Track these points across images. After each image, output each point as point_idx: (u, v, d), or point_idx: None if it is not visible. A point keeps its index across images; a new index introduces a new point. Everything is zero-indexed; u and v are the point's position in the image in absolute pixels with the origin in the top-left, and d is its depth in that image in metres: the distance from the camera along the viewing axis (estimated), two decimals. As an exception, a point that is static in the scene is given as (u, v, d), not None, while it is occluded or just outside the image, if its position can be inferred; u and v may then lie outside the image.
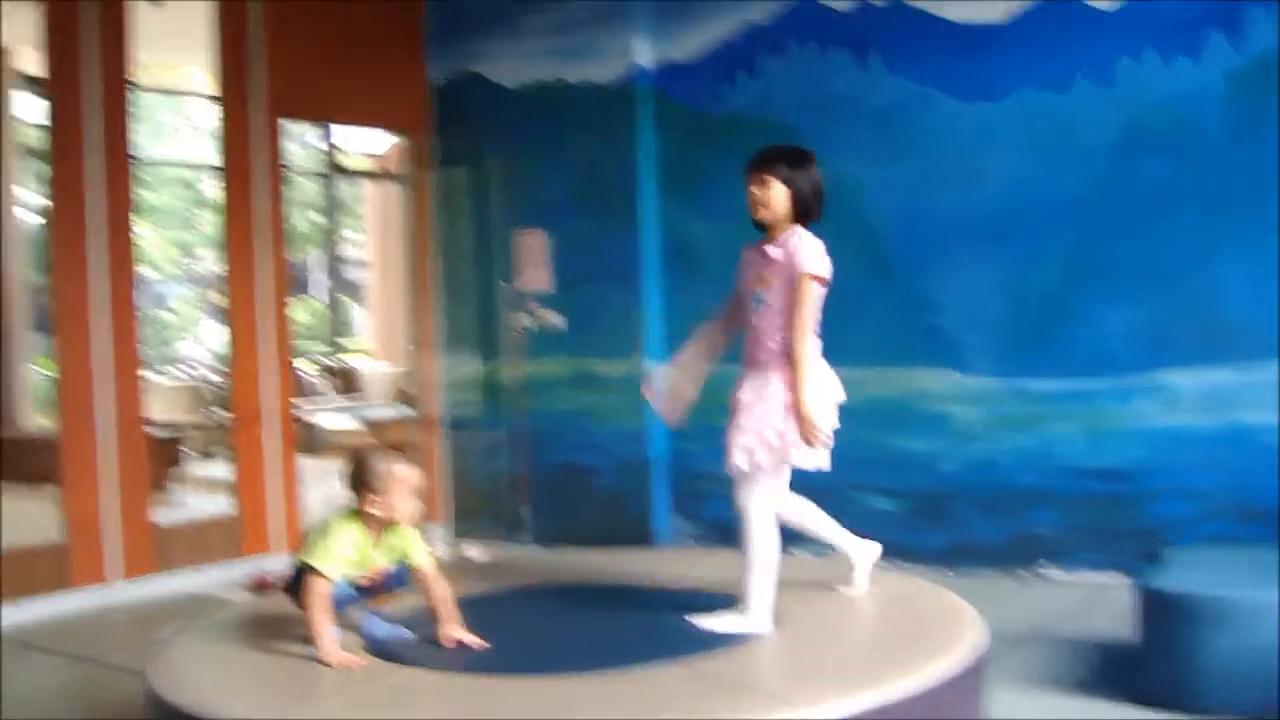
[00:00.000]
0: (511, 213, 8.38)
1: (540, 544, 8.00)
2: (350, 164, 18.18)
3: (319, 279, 26.59)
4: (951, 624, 4.07)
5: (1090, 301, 6.56)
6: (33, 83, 12.15)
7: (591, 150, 7.98)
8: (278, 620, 4.61)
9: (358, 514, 4.17)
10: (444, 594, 4.24)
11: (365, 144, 18.89)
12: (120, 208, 7.38)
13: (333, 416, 15.36)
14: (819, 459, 4.38)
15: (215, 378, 15.52)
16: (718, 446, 4.44)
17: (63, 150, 7.19)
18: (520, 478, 8.29)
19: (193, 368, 17.39)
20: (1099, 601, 6.23)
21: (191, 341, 27.29)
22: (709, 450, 7.50)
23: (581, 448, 7.97)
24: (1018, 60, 6.69)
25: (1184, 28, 6.29)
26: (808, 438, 4.22)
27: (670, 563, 5.11)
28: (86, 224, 7.22)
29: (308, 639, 4.02)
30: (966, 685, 3.76)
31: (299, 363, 9.82)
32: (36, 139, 14.94)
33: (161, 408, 11.47)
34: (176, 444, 12.50)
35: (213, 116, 7.98)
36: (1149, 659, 4.58)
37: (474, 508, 8.64)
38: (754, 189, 4.42)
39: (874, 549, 4.66)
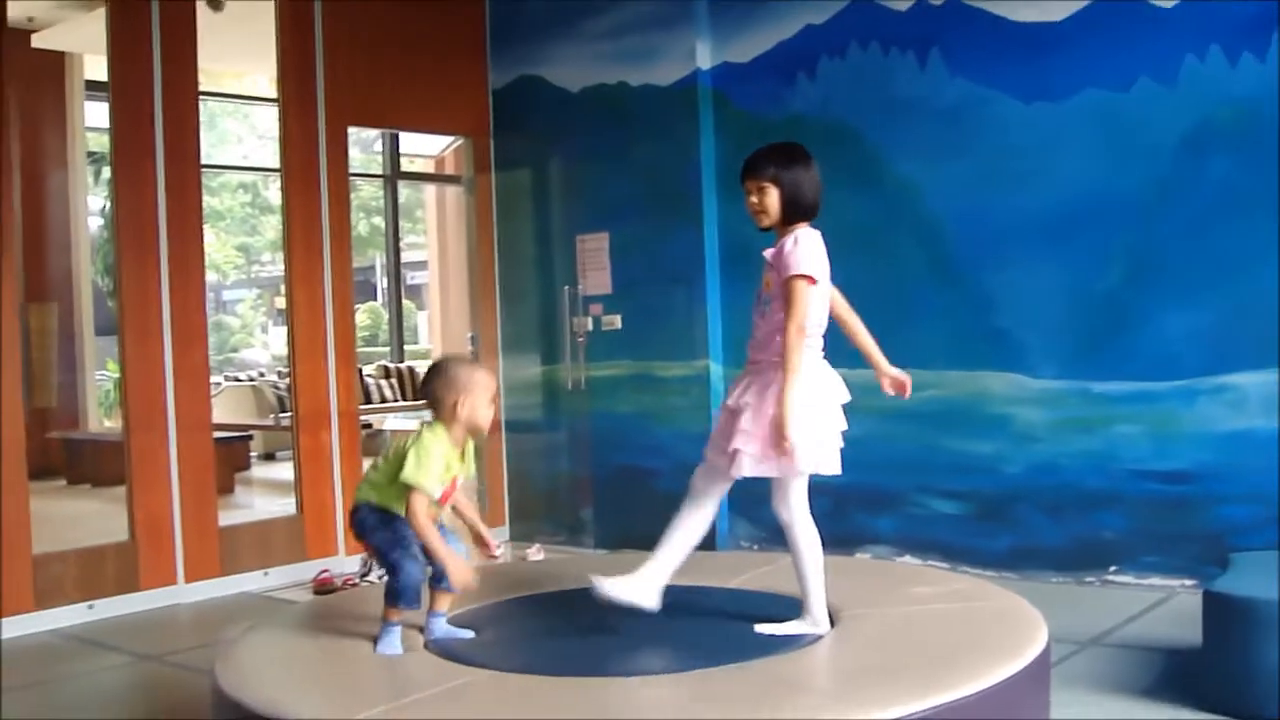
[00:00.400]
0: (573, 215, 8.42)
1: (601, 547, 8.02)
2: (411, 168, 18.29)
3: (381, 283, 26.80)
4: (1016, 626, 4.04)
5: (1155, 303, 6.50)
6: (100, 89, 12.32)
7: (653, 153, 8.00)
8: (343, 621, 4.65)
9: (442, 425, 4.19)
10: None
11: (426, 147, 19.01)
12: (188, 212, 7.46)
13: (394, 419, 15.46)
14: (829, 464, 4.28)
15: (280, 381, 15.69)
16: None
17: (131, 156, 7.28)
18: (581, 480, 8.32)
19: (258, 371, 17.56)
20: (1164, 606, 6.18)
21: (256, 345, 27.57)
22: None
23: (642, 450, 7.98)
24: (1079, 59, 6.64)
25: (1249, 25, 6.22)
26: (777, 446, 4.07)
27: (731, 566, 5.10)
28: (155, 229, 7.29)
29: (382, 625, 4.13)
30: (1031, 688, 3.74)
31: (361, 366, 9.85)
32: (104, 145, 15.17)
33: (227, 411, 11.62)
34: (242, 446, 12.64)
35: (276, 122, 8.05)
36: (1213, 664, 4.54)
37: (534, 510, 8.68)
38: (753, 198, 4.32)
39: (825, 626, 4.18)
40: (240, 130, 27.14)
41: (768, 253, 4.31)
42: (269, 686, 3.73)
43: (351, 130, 8.30)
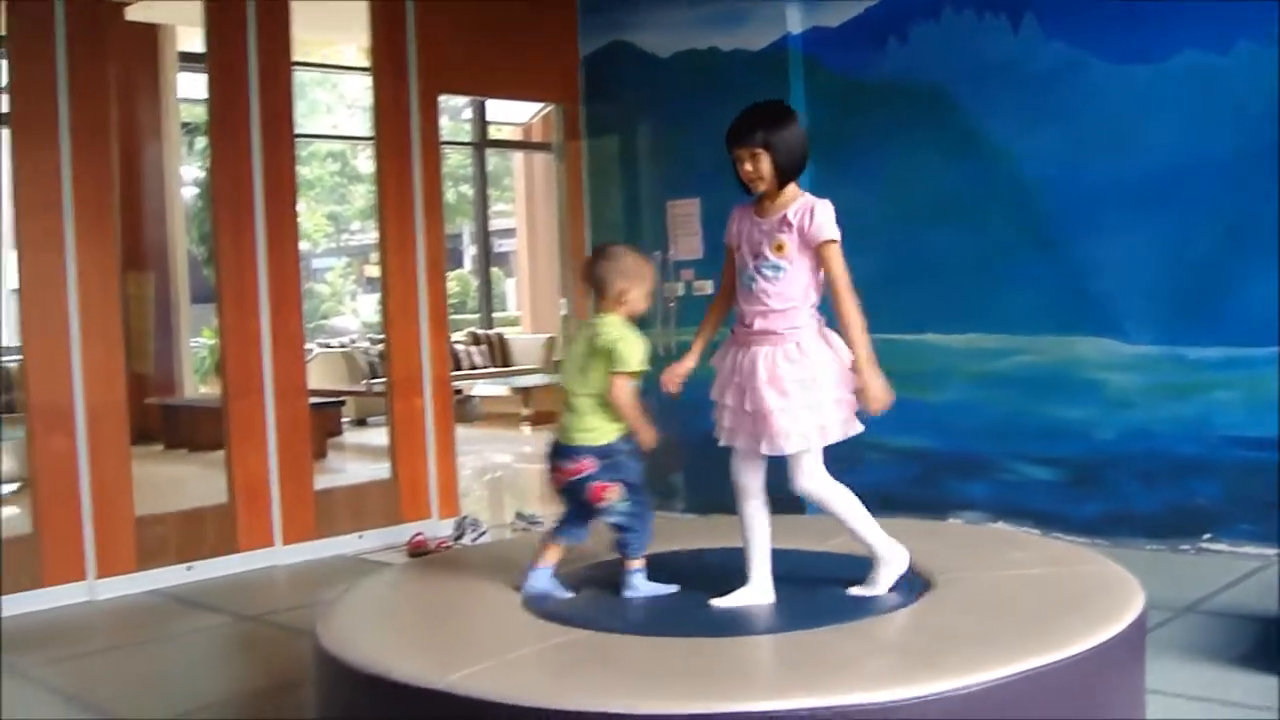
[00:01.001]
0: (663, 181, 8.44)
1: (691, 511, 8.05)
2: (498, 136, 18.37)
3: (468, 250, 26.97)
4: (1111, 591, 4.03)
5: (1250, 268, 6.41)
6: (193, 61, 12.47)
7: (743, 118, 7.98)
8: (439, 583, 4.72)
9: (614, 309, 4.28)
10: None
11: (513, 115, 19.09)
12: (282, 181, 7.56)
13: (484, 385, 15.59)
14: (854, 425, 4.21)
15: (371, 348, 15.87)
16: (870, 414, 4.39)
17: (227, 126, 7.38)
18: (671, 445, 8.32)
19: (349, 338, 17.75)
20: (1260, 575, 6.12)
21: (345, 313, 27.85)
22: (861, 417, 7.55)
23: (733, 415, 7.98)
24: (1177, 21, 6.54)
25: (1352, -14, 6.12)
26: (875, 399, 4.08)
27: (822, 531, 5.11)
28: (251, 198, 7.40)
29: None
30: (1127, 653, 3.73)
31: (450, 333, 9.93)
32: (197, 116, 15.37)
33: (319, 377, 11.75)
34: (334, 412, 12.82)
35: (368, 91, 8.12)
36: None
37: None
38: (747, 166, 4.18)
39: (905, 557, 4.26)
40: (329, 100, 27.39)
41: (789, 211, 4.14)
42: (370, 645, 3.79)
43: (440, 99, 8.34)
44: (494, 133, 18.29)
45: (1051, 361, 7.00)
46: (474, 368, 16.50)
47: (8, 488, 10.20)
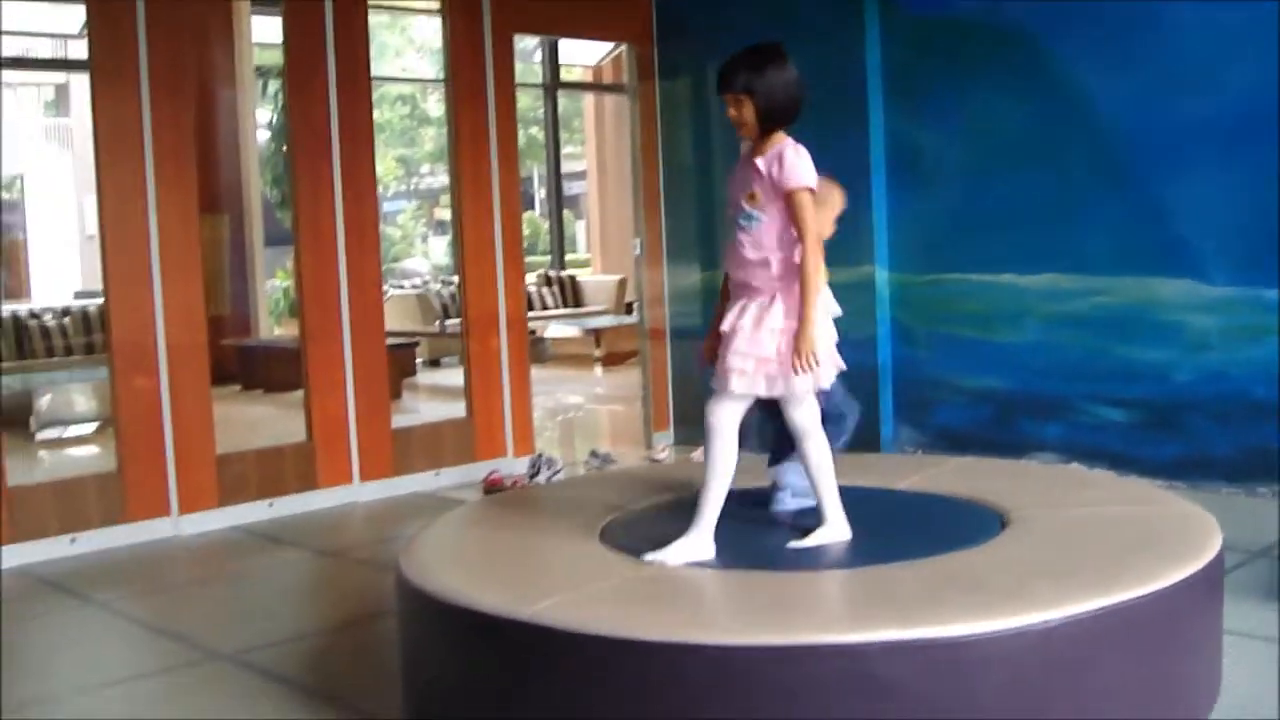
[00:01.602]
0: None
1: (762, 450, 8.06)
2: (568, 78, 18.35)
3: (538, 193, 27.01)
4: (1189, 531, 4.02)
5: (1334, 208, 6.33)
6: (266, 4, 12.53)
7: (817, 58, 7.88)
8: (516, 518, 4.78)
9: None
10: None
11: (584, 57, 19.06)
12: (359, 124, 7.61)
13: (556, 326, 15.66)
14: (826, 376, 4.03)
15: (444, 289, 15.96)
16: (945, 355, 4.40)
17: (303, 69, 7.42)
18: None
19: (422, 280, 17.85)
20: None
21: (417, 255, 27.99)
22: (935, 358, 7.55)
23: (806, 356, 7.98)
24: (1260, -42, 6.45)
25: None
26: (804, 364, 3.83)
27: (898, 469, 5.12)
28: (328, 140, 7.45)
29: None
30: (1204, 592, 3.73)
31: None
32: (269, 60, 15.45)
33: (393, 318, 11.86)
34: (409, 353, 12.92)
35: (438, 34, 8.13)
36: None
37: (698, 415, 8.72)
38: (731, 112, 3.99)
39: (846, 532, 4.11)
40: (398, 43, 27.41)
41: (759, 162, 3.95)
42: (452, 578, 3.85)
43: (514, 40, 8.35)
44: (564, 75, 18.29)
45: (1129, 303, 6.95)
46: (546, 309, 16.57)
47: (88, 427, 10.39)
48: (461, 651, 3.71)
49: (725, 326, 3.99)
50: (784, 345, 3.89)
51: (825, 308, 3.99)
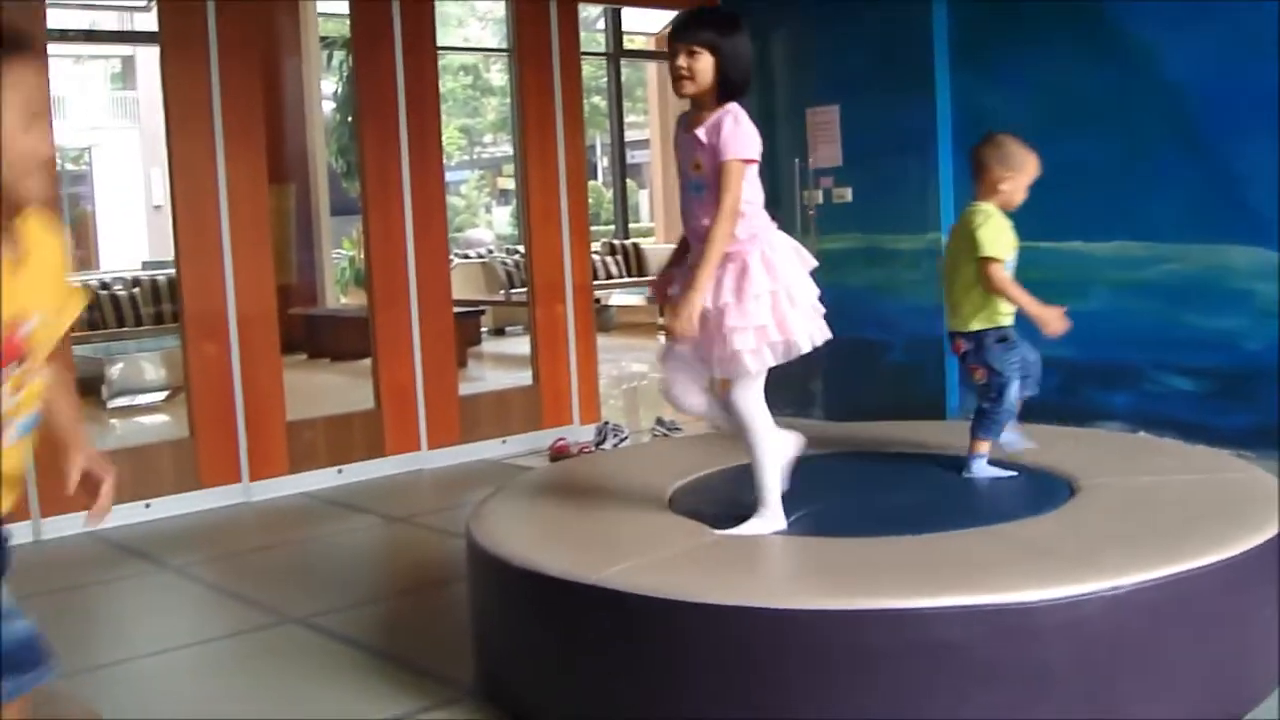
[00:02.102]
0: (802, 88, 8.37)
1: (830, 418, 8.07)
2: (631, 46, 18.33)
3: (600, 162, 27.02)
4: (1259, 498, 3.99)
5: None
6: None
7: (884, 23, 7.89)
8: (584, 484, 4.81)
9: (988, 197, 4.48)
10: None
11: (647, 25, 19.02)
12: (425, 93, 7.65)
13: (620, 294, 15.69)
14: (818, 334, 3.97)
15: (508, 258, 16.02)
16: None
17: (370, 39, 7.46)
18: (811, 353, 8.33)
19: (485, 249, 17.92)
20: None
21: (480, 225, 28.09)
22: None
23: (872, 323, 7.98)
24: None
25: None
26: (682, 328, 3.74)
27: (964, 435, 5.11)
28: (395, 110, 7.49)
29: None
30: (1275, 560, 3.71)
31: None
32: (333, 30, 15.53)
33: (458, 287, 11.90)
34: (474, 321, 12.99)
35: (501, 4, 8.15)
36: None
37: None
38: (681, 61, 3.79)
39: (781, 523, 3.92)
40: (459, 12, 27.46)
41: (691, 132, 3.85)
42: (522, 542, 3.88)
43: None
44: (626, 43, 18.27)
45: (1199, 270, 6.87)
46: (610, 278, 16.59)
47: (158, 395, 10.52)
48: (531, 616, 3.75)
49: (709, 304, 3.81)
50: (779, 306, 3.85)
51: (800, 261, 3.95)
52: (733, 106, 3.82)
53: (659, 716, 3.40)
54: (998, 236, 4.40)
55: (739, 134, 3.78)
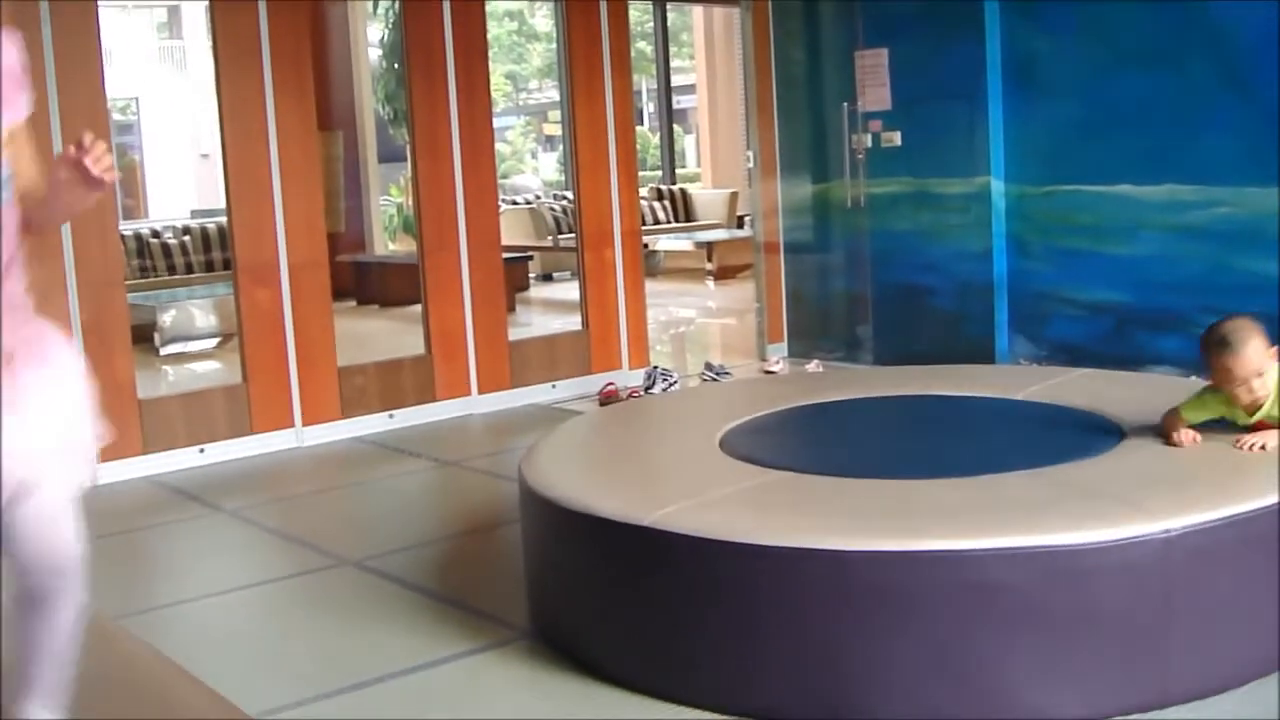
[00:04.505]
0: (850, 32, 8.32)
1: (879, 363, 8.07)
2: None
3: (645, 107, 26.93)
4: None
5: None
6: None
7: (933, -37, 7.83)
8: (633, 427, 4.85)
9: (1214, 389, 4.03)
10: None
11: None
12: (472, 38, 7.64)
13: (667, 240, 15.68)
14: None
15: (555, 204, 16.03)
16: (1062, 267, 4.28)
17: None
18: (858, 298, 8.35)
19: (534, 195, 17.93)
20: None
21: (526, 171, 28.08)
22: (1053, 271, 7.48)
23: (920, 267, 7.96)
24: None
25: None
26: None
27: (1016, 379, 5.11)
28: (443, 55, 7.50)
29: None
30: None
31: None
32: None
33: (507, 233, 11.95)
34: (522, 267, 13.02)
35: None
36: None
37: (812, 328, 8.76)
38: None
39: None
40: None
41: None
42: (574, 484, 3.92)
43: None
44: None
45: (1251, 214, 6.80)
46: (658, 223, 16.58)
47: (210, 342, 10.61)
48: (583, 557, 3.79)
49: None
50: None
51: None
52: None
53: (711, 657, 3.45)
54: (1194, 412, 4.04)
55: None
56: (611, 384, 7.82)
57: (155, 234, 13.29)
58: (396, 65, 15.32)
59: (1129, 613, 3.24)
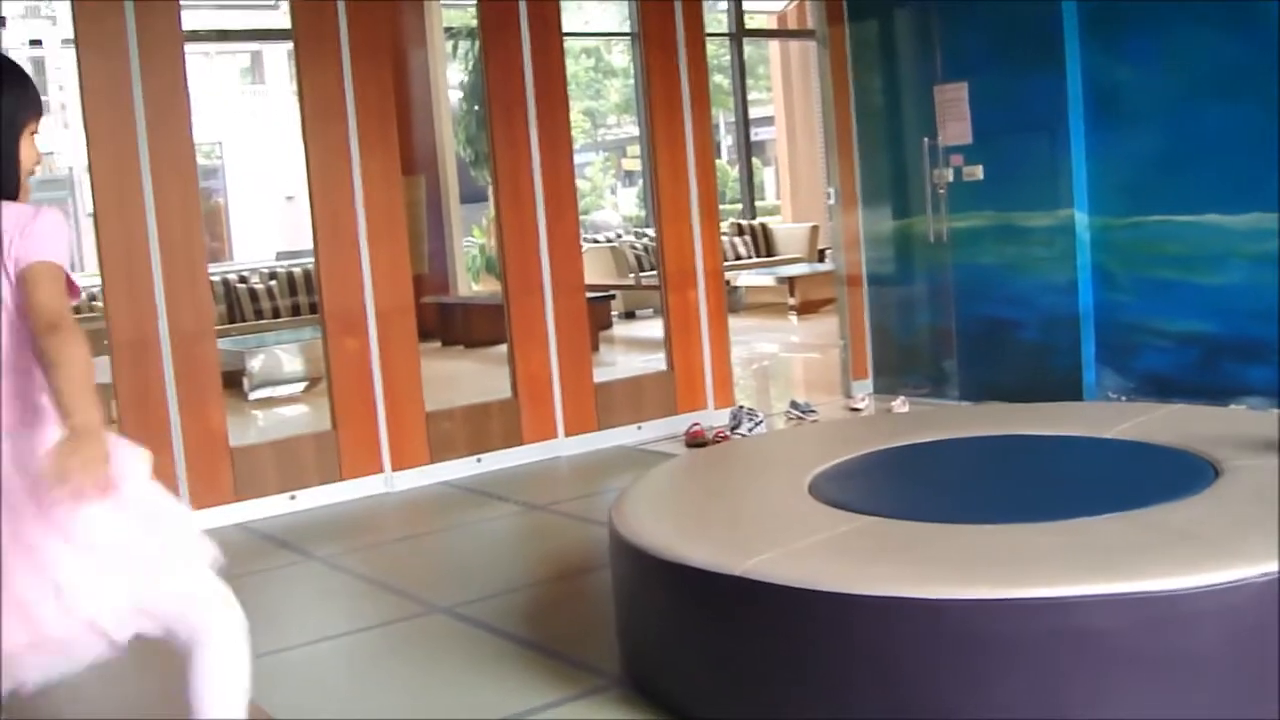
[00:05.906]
0: (928, 65, 8.30)
1: (965, 398, 8.03)
2: (751, 25, 18.28)
3: (724, 140, 26.97)
4: None
5: None
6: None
7: (1011, -2, 7.80)
8: (722, 471, 4.84)
9: None
10: None
11: (768, 4, 18.98)
12: (553, 79, 7.70)
13: (749, 275, 15.68)
14: None
15: (636, 241, 16.08)
16: (1148, 298, 4.22)
17: (497, 27, 7.53)
18: (943, 332, 8.32)
19: (615, 233, 18.00)
20: None
21: (606, 207, 28.20)
22: (1139, 302, 7.42)
23: (1006, 301, 7.91)
24: None
25: None
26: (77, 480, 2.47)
27: (1105, 417, 5.06)
28: (523, 98, 7.56)
29: None
30: None
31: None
32: (460, 19, 15.67)
33: (588, 272, 12.03)
34: (605, 306, 13.07)
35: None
36: None
37: (897, 364, 8.72)
38: None
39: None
40: (578, -4, 27.53)
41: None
42: (663, 532, 3.92)
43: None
44: (748, 22, 18.22)
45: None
46: (739, 258, 16.58)
47: (298, 387, 10.74)
48: (675, 606, 3.79)
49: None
50: None
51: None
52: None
53: (805, 708, 3.43)
54: None
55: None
56: (697, 424, 7.82)
57: (242, 279, 13.48)
58: (477, 107, 15.48)
59: (1230, 658, 3.19)
